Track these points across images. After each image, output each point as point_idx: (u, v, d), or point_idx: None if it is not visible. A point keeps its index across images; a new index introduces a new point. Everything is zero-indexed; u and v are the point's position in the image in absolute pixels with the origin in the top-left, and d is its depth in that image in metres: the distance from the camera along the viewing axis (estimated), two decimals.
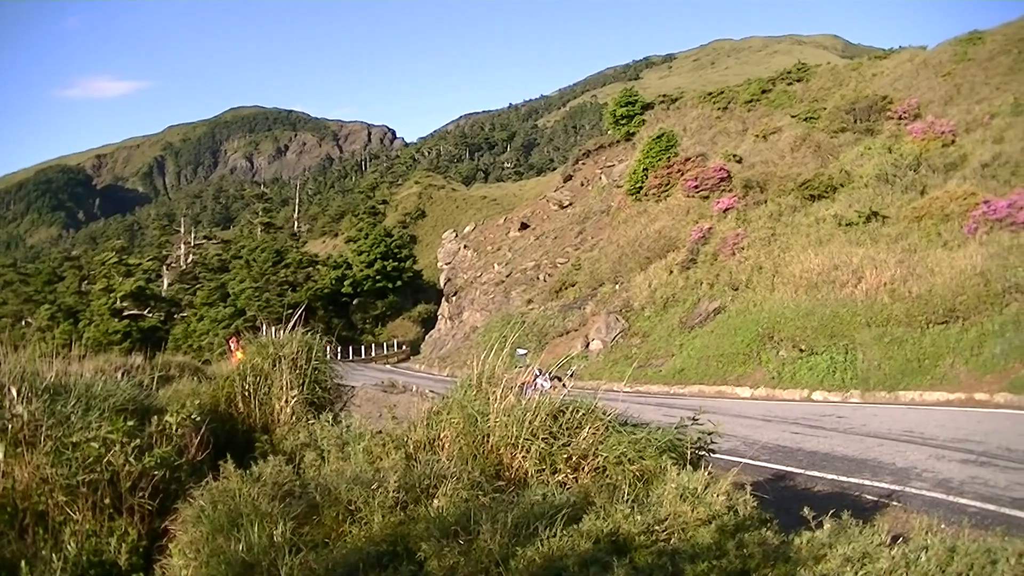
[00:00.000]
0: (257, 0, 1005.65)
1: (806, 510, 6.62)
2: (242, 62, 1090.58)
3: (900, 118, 52.16)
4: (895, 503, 11.70)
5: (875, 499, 12.01)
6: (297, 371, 11.44)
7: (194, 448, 9.08)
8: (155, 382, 12.49)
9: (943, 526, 6.84)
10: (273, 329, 12.78)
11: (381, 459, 8.38)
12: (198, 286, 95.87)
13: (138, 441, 8.34)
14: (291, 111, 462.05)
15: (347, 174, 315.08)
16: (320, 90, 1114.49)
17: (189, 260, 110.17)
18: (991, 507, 11.32)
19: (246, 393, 11.19)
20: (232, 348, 20.24)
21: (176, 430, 8.99)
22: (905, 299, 28.06)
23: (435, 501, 7.07)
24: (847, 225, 36.19)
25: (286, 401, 11.09)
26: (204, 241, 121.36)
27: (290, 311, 13.47)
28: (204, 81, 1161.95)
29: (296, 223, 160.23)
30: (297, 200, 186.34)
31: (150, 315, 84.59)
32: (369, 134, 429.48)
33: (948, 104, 52.97)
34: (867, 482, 13.30)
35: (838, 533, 6.31)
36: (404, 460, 8.13)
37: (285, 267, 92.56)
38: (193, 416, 9.26)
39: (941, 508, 11.19)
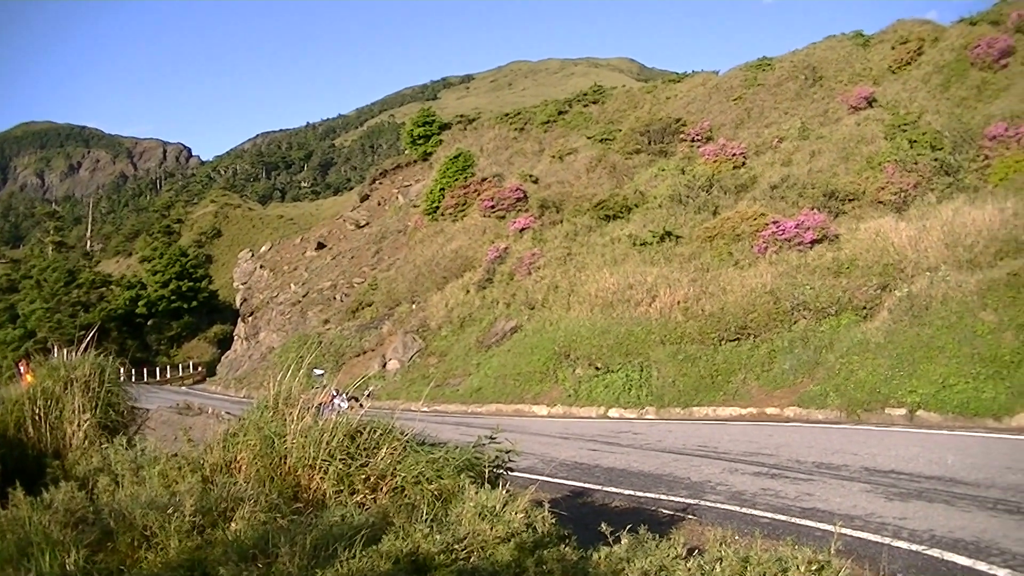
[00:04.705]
0: (46, 11, 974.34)
1: (604, 526, 6.59)
2: (33, 76, 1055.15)
3: (693, 140, 53.60)
4: (691, 516, 11.71)
5: (671, 513, 11.98)
6: (90, 394, 10.90)
7: None
8: None
9: (737, 537, 7.03)
10: (65, 351, 12.15)
11: (177, 483, 7.99)
12: None
13: None
14: (84, 127, 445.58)
15: (142, 192, 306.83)
16: (114, 106, 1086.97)
17: None
18: (782, 517, 11.44)
19: (36, 417, 10.57)
20: (22, 371, 19.41)
21: None
22: (698, 317, 28.55)
23: (233, 524, 6.82)
24: (641, 245, 36.70)
25: (78, 425, 10.55)
26: None
27: (83, 332, 12.86)
28: None
29: (89, 242, 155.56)
30: (90, 219, 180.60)
31: None
32: (164, 152, 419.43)
33: (739, 127, 54.65)
34: (663, 496, 13.29)
35: (636, 548, 6.42)
36: (200, 483, 7.74)
37: (77, 287, 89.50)
38: None
39: (735, 520, 11.28)
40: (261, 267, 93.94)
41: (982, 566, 8.86)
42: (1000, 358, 19.90)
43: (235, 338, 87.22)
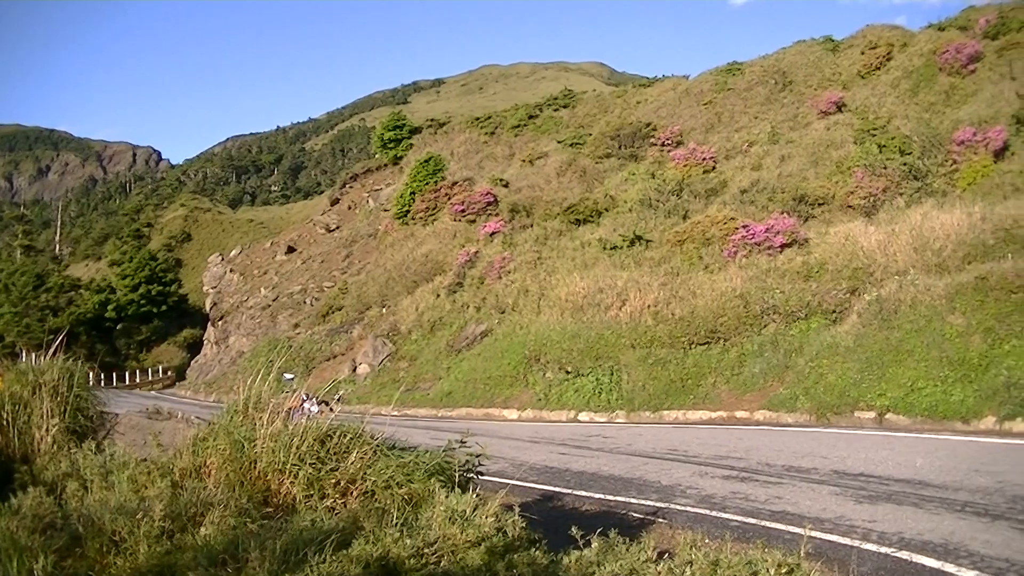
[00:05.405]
0: (13, 14, 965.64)
1: (574, 529, 6.64)
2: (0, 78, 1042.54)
3: (663, 145, 53.73)
4: (661, 520, 11.69)
5: (642, 517, 11.97)
6: (58, 399, 10.79)
7: None
8: None
9: (707, 541, 7.03)
10: (33, 356, 12.04)
11: (146, 487, 7.92)
12: None
13: None
14: (53, 130, 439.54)
15: (111, 196, 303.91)
16: (83, 109, 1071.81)
17: None
18: (752, 520, 11.44)
19: (4, 422, 10.45)
20: None
21: None
22: (668, 321, 28.58)
23: (202, 529, 6.74)
24: (612, 249, 36.74)
25: (47, 430, 10.44)
26: None
27: (51, 337, 12.73)
28: None
29: (58, 246, 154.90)
30: (59, 222, 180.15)
31: None
32: (134, 155, 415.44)
33: (709, 132, 54.88)
34: (634, 500, 13.27)
35: (606, 551, 6.43)
36: (170, 488, 7.67)
37: (46, 291, 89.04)
38: None
39: (705, 523, 11.26)
40: (231, 271, 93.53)
41: (950, 568, 8.87)
42: (968, 361, 19.99)
43: (205, 342, 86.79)
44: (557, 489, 14.46)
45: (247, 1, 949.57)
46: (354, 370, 42.88)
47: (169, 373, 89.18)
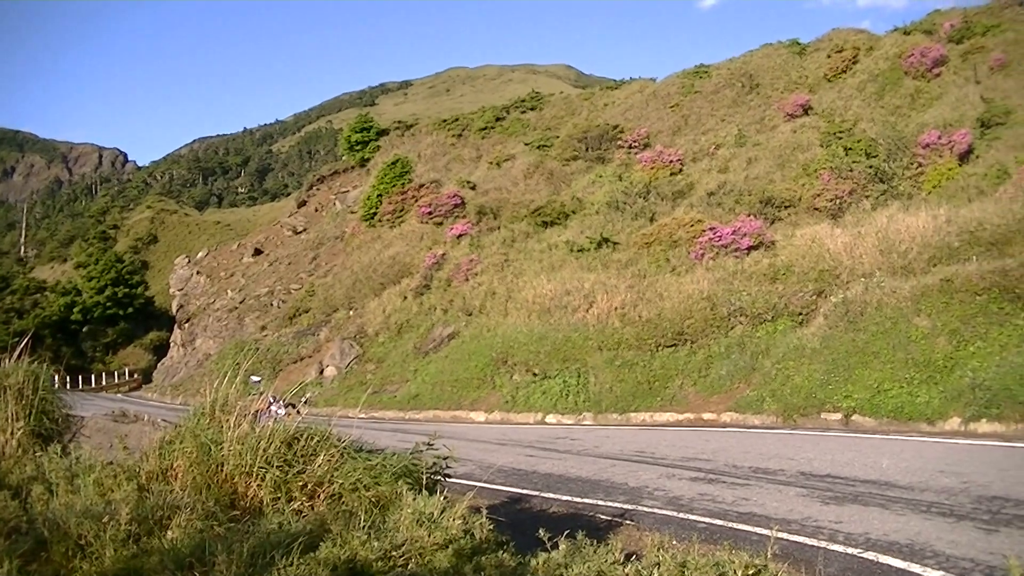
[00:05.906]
0: None
1: (542, 531, 6.66)
2: None
3: (630, 147, 53.84)
4: (628, 522, 11.66)
5: (609, 519, 11.95)
6: (23, 402, 10.63)
7: None
8: None
9: (674, 542, 7.08)
10: None
11: (112, 491, 7.81)
12: None
13: None
14: (18, 131, 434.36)
15: (77, 198, 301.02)
16: (49, 109, 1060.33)
17: None
18: (719, 522, 11.43)
19: None
20: None
21: None
22: (635, 323, 28.61)
23: (169, 533, 6.67)
24: (579, 251, 36.77)
25: (11, 433, 10.28)
26: None
27: (16, 339, 12.60)
28: None
29: (23, 248, 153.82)
30: (24, 224, 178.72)
31: None
32: (100, 157, 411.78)
33: (676, 134, 55.08)
34: (601, 502, 13.26)
35: (573, 553, 6.46)
36: (136, 491, 7.58)
37: (11, 294, 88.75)
38: None
39: (672, 525, 11.28)
40: (198, 273, 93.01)
41: (916, 568, 8.89)
42: (933, 363, 20.10)
43: (171, 345, 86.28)
44: (525, 491, 14.43)
45: (213, 3, 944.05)
46: (321, 372, 42.75)
47: (135, 376, 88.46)
